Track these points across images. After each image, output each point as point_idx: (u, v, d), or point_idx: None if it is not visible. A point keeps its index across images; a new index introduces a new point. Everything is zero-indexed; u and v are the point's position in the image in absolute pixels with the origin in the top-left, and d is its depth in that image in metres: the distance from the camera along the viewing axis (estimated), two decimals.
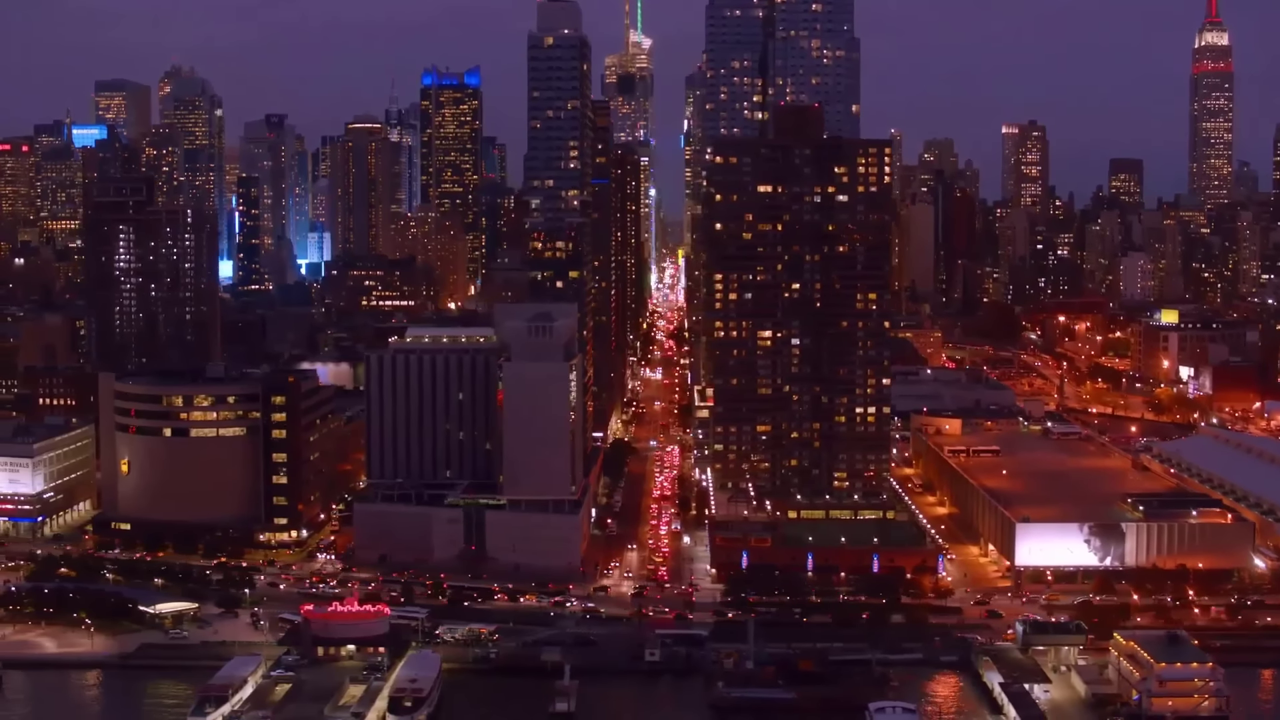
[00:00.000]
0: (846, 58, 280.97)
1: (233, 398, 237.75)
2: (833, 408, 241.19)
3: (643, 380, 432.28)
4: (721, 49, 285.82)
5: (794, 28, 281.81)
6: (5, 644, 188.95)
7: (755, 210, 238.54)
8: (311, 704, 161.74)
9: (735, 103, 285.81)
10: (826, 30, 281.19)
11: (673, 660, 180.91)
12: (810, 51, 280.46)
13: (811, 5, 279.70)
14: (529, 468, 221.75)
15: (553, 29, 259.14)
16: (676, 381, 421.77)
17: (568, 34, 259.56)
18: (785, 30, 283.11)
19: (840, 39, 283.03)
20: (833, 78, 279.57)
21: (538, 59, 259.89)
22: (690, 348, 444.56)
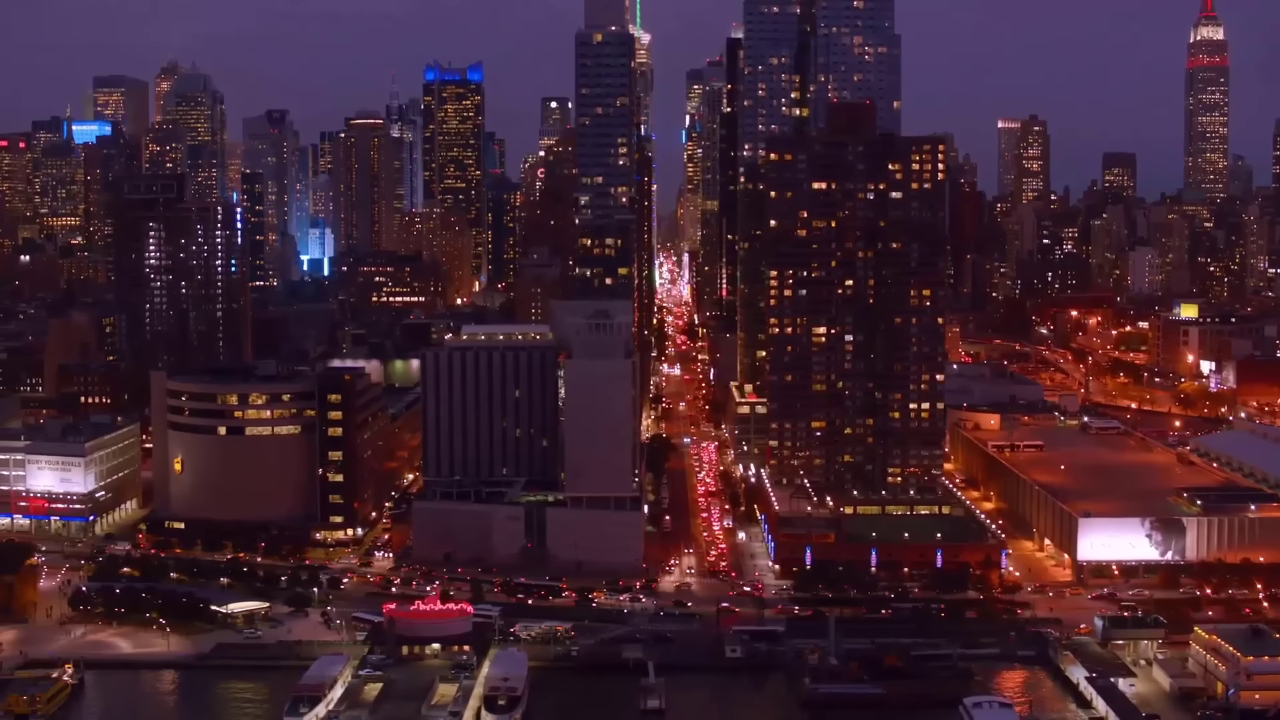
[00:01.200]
0: (888, 54, 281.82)
1: (287, 395, 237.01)
2: (886, 403, 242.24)
3: (664, 376, 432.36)
4: (759, 46, 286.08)
5: (836, 24, 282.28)
6: (80, 644, 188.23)
7: (809, 207, 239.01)
8: (405, 703, 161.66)
9: (773, 99, 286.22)
10: (868, 27, 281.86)
11: (754, 656, 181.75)
12: (852, 48, 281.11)
13: (853, 2, 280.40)
14: (590, 465, 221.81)
15: (600, 25, 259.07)
16: (700, 377, 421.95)
17: (615, 30, 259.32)
18: (827, 27, 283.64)
19: (882, 35, 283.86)
20: (874, 74, 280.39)
21: (586, 56, 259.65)
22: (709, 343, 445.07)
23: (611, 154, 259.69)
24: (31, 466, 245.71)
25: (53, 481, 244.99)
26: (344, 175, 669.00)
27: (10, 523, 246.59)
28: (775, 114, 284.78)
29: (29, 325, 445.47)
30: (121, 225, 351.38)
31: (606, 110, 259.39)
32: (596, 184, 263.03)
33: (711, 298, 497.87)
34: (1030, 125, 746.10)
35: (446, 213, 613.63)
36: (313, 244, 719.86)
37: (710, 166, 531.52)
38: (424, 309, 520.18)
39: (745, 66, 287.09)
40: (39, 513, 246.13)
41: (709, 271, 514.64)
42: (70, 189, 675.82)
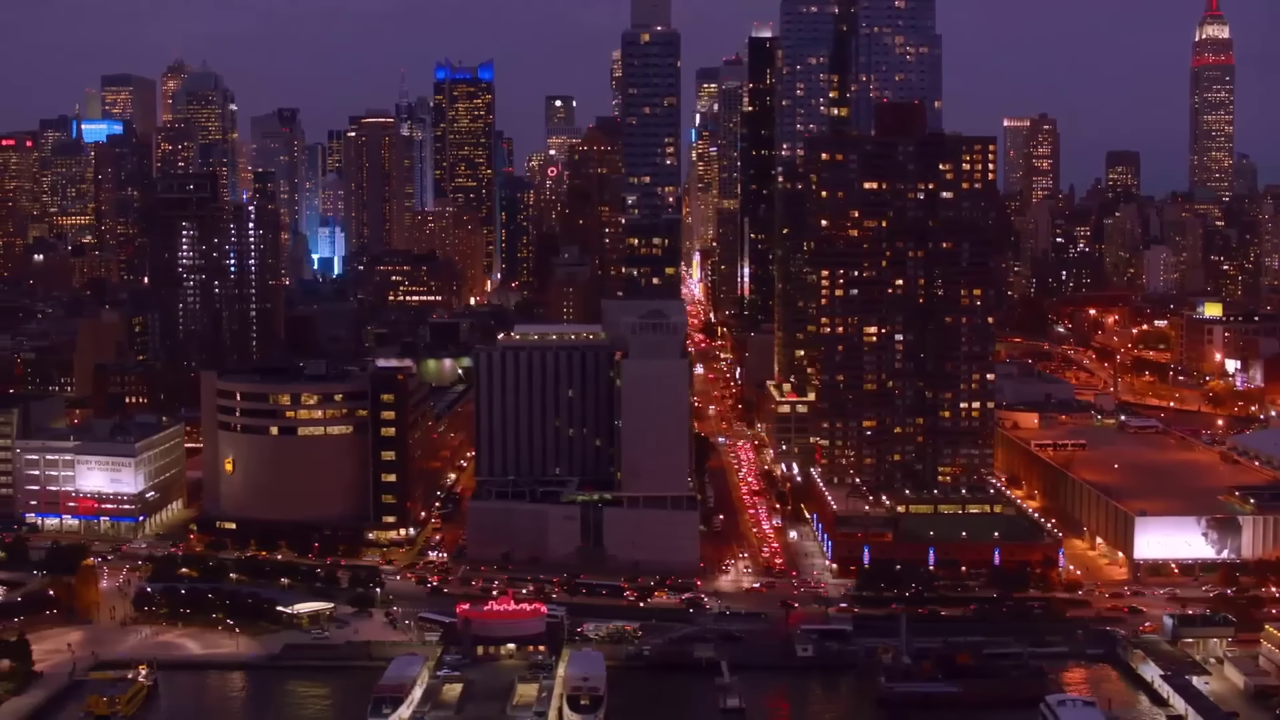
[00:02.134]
0: (930, 54, 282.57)
1: (339, 395, 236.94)
2: (936, 403, 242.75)
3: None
4: (797, 46, 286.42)
5: (877, 24, 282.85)
6: (148, 645, 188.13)
7: (860, 207, 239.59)
8: (488, 704, 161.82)
9: (810, 99, 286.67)
10: (910, 26, 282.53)
11: (825, 656, 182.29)
12: (894, 48, 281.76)
13: (895, 2, 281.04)
14: (647, 464, 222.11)
15: (646, 24, 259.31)
16: (725, 375, 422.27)
17: (662, 30, 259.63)
18: (868, 27, 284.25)
19: (923, 35, 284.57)
20: (916, 74, 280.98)
21: (633, 56, 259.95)
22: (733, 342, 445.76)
23: (659, 154, 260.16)
24: (81, 467, 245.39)
25: (102, 482, 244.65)
26: (355, 174, 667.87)
27: (59, 523, 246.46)
28: (814, 113, 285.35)
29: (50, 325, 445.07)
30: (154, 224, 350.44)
31: (654, 110, 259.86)
32: (644, 184, 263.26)
33: (730, 296, 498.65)
34: (1040, 124, 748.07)
35: (459, 211, 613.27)
36: (322, 243, 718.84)
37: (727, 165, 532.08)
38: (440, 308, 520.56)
39: (783, 66, 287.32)
40: (88, 513, 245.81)
41: (726, 270, 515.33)
42: (80, 188, 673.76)
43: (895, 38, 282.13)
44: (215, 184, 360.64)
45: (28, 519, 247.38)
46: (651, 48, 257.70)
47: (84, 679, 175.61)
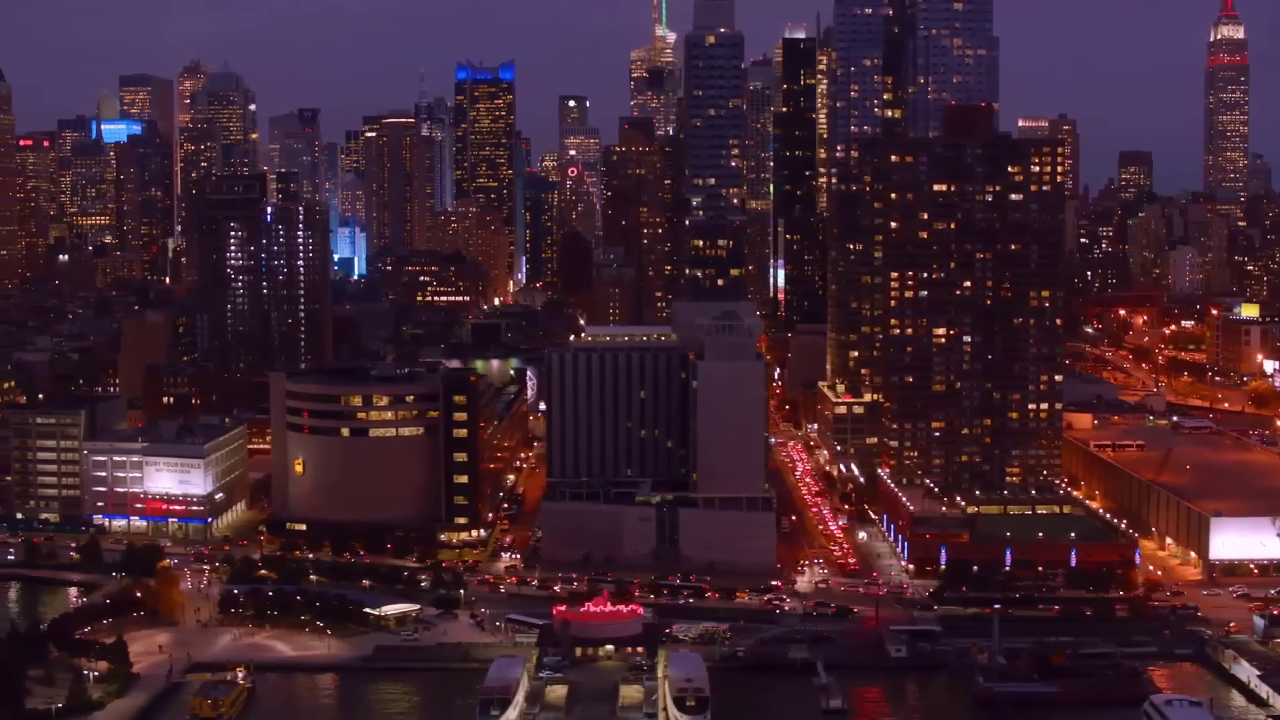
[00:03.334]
0: (988, 56, 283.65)
1: (411, 397, 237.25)
2: (1005, 404, 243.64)
3: None
4: (852, 47, 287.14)
5: (936, 26, 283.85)
6: (238, 647, 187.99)
7: (930, 208, 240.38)
8: (596, 705, 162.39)
9: (865, 100, 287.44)
10: (968, 29, 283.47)
11: (918, 656, 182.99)
12: (952, 50, 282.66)
13: (953, 4, 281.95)
14: (723, 466, 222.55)
15: (710, 26, 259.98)
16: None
17: (726, 32, 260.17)
18: (927, 29, 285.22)
19: (982, 38, 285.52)
20: (974, 76, 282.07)
21: (698, 57, 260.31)
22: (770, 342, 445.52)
23: (724, 155, 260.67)
24: (149, 468, 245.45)
25: (171, 483, 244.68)
26: (376, 174, 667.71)
27: (126, 524, 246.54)
28: (868, 115, 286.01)
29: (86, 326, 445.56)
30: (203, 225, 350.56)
31: (719, 112, 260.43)
32: (709, 185, 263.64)
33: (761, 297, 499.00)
34: (1059, 124, 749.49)
35: (482, 212, 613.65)
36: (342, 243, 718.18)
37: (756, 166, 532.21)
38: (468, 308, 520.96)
39: (836, 68, 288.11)
40: (156, 514, 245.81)
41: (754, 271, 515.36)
42: (100, 188, 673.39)
43: (954, 40, 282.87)
44: (264, 185, 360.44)
45: (95, 520, 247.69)
46: (717, 50, 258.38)
47: (181, 681, 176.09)
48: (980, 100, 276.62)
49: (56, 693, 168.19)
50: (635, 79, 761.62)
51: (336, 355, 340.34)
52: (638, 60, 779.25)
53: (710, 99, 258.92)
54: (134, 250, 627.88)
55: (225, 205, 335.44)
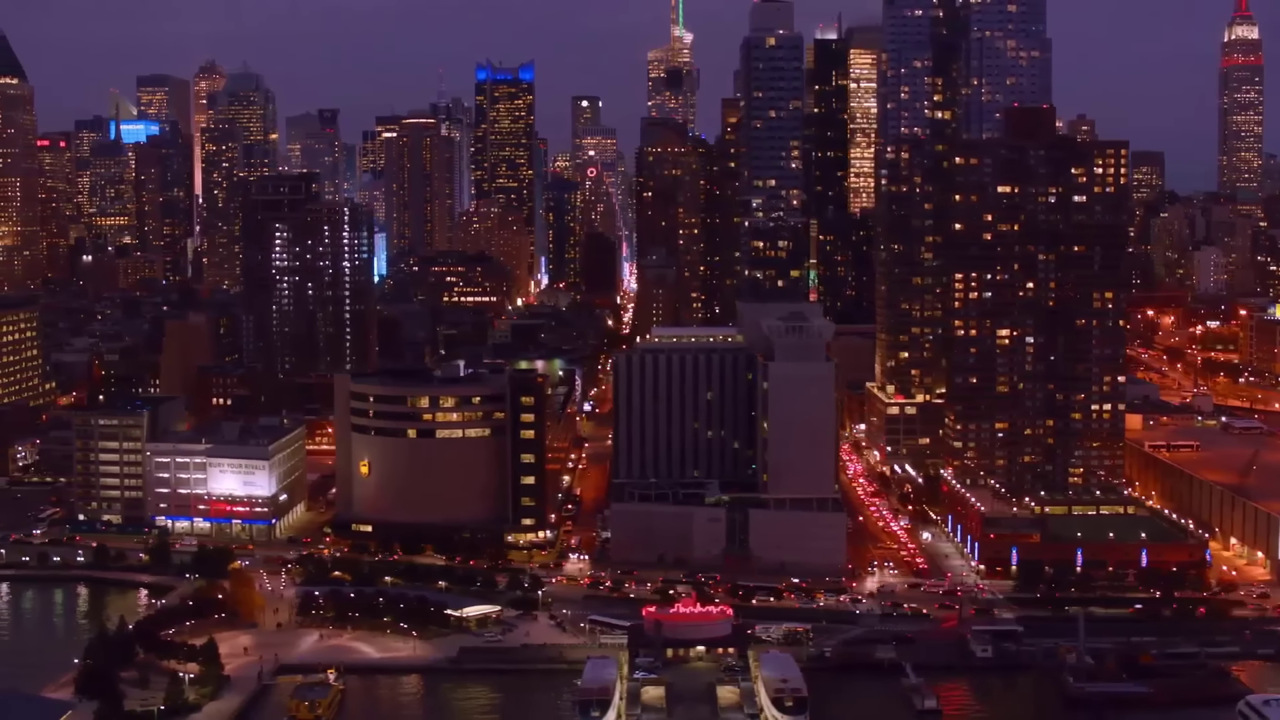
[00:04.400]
0: (1041, 58, 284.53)
1: (477, 398, 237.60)
2: (1068, 405, 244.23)
3: None
4: (902, 48, 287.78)
5: (989, 28, 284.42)
6: (322, 648, 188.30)
7: (994, 210, 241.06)
8: (697, 706, 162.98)
9: (915, 102, 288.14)
10: (1020, 31, 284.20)
11: (1003, 656, 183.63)
12: (1006, 51, 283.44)
13: (1007, 6, 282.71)
14: (793, 467, 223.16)
15: (769, 28, 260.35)
16: None
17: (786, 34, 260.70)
18: (980, 30, 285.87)
19: (1035, 39, 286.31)
20: (1027, 78, 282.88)
21: (758, 59, 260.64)
22: None
23: (784, 157, 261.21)
24: (213, 470, 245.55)
25: (235, 484, 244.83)
26: (396, 175, 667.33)
27: (190, 526, 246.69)
28: (919, 116, 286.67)
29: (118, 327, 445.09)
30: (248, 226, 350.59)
31: (779, 113, 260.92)
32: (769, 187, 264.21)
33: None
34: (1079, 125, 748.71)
35: (503, 212, 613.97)
36: None
37: None
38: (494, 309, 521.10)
39: (887, 69, 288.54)
40: (220, 516, 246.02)
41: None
42: (119, 189, 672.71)
43: (1007, 42, 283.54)
44: (310, 186, 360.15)
45: (157, 522, 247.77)
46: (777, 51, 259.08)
47: (271, 682, 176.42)
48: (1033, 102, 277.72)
49: (149, 694, 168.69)
50: (653, 79, 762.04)
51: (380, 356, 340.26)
52: (655, 60, 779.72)
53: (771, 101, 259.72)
54: (155, 251, 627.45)
55: (269, 206, 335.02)
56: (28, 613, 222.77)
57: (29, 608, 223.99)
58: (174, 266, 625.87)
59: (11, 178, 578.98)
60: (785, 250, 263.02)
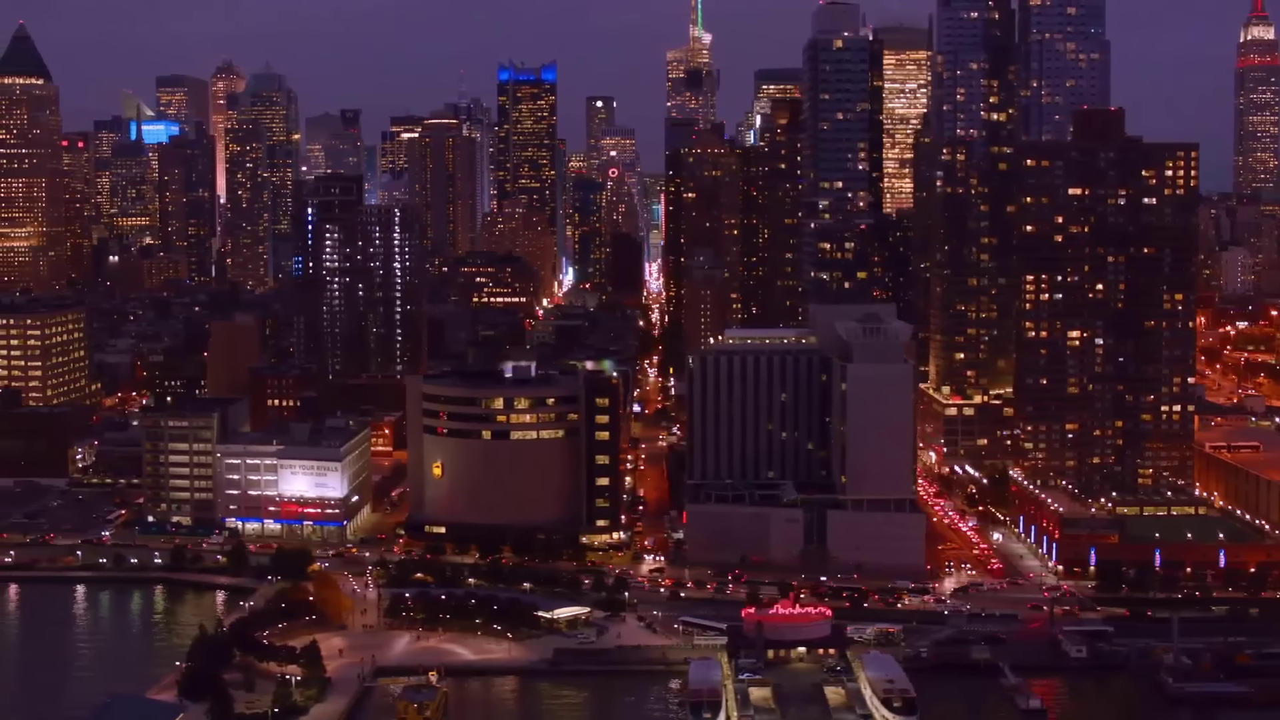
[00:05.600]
0: (1100, 60, 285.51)
1: (551, 399, 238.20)
2: (1137, 406, 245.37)
3: None
4: (958, 50, 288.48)
5: (1049, 30, 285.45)
6: (416, 650, 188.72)
7: (1065, 212, 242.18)
8: (808, 707, 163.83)
9: (971, 104, 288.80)
10: (1080, 33, 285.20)
11: (1097, 656, 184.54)
12: (1065, 54, 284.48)
13: (1067, 8, 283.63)
14: (872, 468, 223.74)
15: (835, 30, 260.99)
16: None
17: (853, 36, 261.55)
18: (1039, 32, 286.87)
19: (1094, 42, 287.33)
20: (1086, 80, 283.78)
21: (826, 61, 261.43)
22: None
23: (850, 159, 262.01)
24: (284, 471, 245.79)
25: (306, 486, 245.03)
26: (419, 175, 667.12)
27: (260, 527, 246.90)
28: (974, 118, 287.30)
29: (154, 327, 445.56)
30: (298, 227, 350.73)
31: (847, 115, 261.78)
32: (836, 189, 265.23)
33: None
34: None
35: (528, 213, 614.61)
36: None
37: None
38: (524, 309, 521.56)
39: (943, 71, 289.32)
40: (291, 517, 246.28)
41: None
42: (141, 189, 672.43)
43: (1067, 44, 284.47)
44: (360, 187, 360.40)
45: (227, 523, 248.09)
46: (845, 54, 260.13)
47: (371, 684, 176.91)
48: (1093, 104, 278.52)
49: (254, 697, 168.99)
50: (673, 79, 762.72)
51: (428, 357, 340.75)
52: (674, 61, 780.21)
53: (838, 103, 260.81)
54: (179, 251, 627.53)
55: (320, 207, 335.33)
56: (109, 615, 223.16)
57: (108, 610, 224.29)
58: (199, 267, 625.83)
59: (37, 178, 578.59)
60: (852, 252, 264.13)
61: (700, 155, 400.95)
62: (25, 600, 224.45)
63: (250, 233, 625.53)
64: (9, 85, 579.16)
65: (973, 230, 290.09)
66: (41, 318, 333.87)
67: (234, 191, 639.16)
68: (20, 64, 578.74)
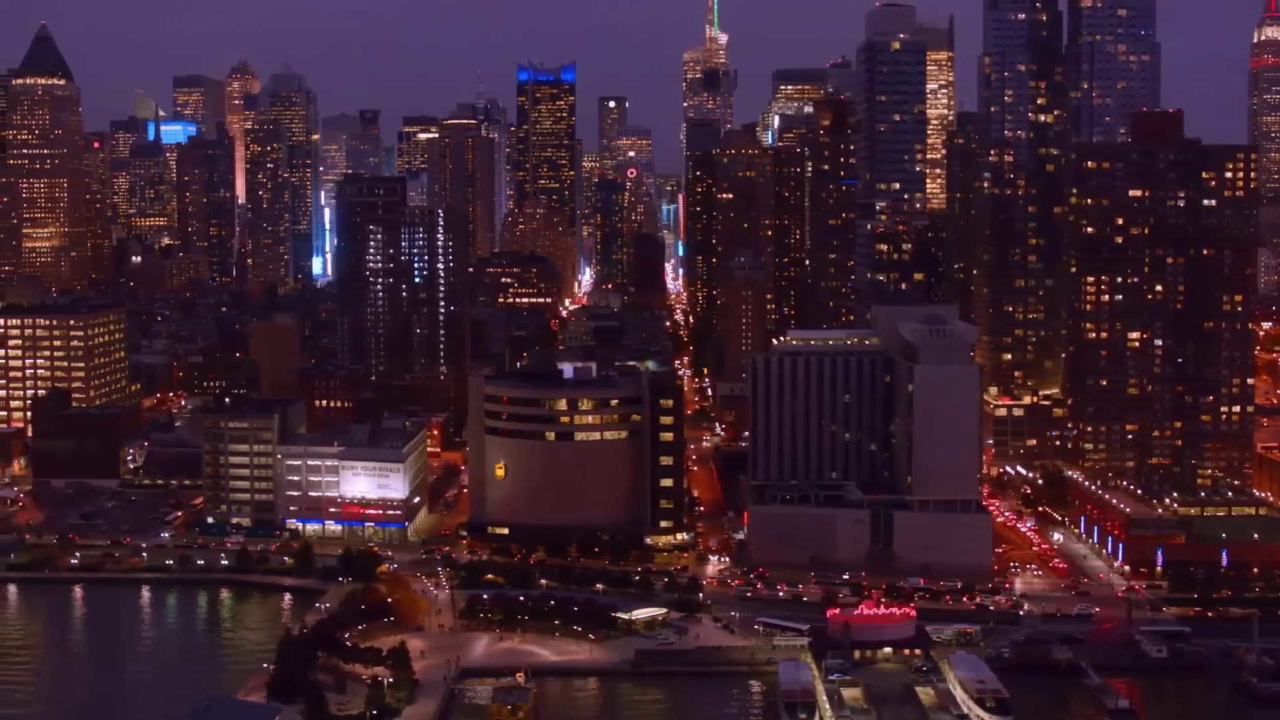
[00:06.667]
0: (1151, 62, 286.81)
1: (615, 400, 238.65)
2: (1196, 407, 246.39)
3: None
4: (1006, 51, 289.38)
5: (1100, 32, 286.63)
6: (497, 652, 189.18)
7: (1125, 214, 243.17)
8: (901, 707, 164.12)
9: (1019, 105, 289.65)
10: (1131, 35, 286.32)
11: (1177, 656, 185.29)
12: (1117, 56, 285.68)
13: (1118, 10, 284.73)
14: (938, 468, 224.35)
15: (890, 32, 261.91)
16: None
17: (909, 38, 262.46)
18: (1090, 34, 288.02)
19: (1145, 44, 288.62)
20: (1137, 81, 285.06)
21: (883, 63, 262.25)
22: None
23: (907, 160, 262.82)
24: (346, 473, 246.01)
25: (368, 487, 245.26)
26: (439, 176, 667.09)
27: (320, 529, 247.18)
28: (1022, 119, 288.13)
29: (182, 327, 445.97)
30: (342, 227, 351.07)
31: (904, 117, 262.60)
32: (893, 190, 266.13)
33: None
34: None
35: (549, 213, 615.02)
36: None
37: None
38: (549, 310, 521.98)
39: (990, 72, 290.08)
40: (352, 519, 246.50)
41: None
42: (159, 189, 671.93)
43: (1118, 46, 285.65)
44: (404, 188, 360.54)
45: (288, 524, 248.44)
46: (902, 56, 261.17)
47: (457, 686, 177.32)
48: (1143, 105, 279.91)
49: (343, 699, 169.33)
50: (689, 80, 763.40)
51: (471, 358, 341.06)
52: (691, 61, 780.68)
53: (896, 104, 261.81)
54: (199, 252, 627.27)
55: (364, 208, 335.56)
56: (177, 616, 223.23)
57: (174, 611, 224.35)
58: (220, 267, 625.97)
59: (59, 178, 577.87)
60: (909, 253, 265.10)
61: (734, 156, 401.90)
62: (92, 601, 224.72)
63: (271, 233, 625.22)
64: (31, 85, 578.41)
65: (1020, 231, 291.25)
66: (85, 318, 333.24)
67: (254, 192, 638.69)
68: (42, 64, 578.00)
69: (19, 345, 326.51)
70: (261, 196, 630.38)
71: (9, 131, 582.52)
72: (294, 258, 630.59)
